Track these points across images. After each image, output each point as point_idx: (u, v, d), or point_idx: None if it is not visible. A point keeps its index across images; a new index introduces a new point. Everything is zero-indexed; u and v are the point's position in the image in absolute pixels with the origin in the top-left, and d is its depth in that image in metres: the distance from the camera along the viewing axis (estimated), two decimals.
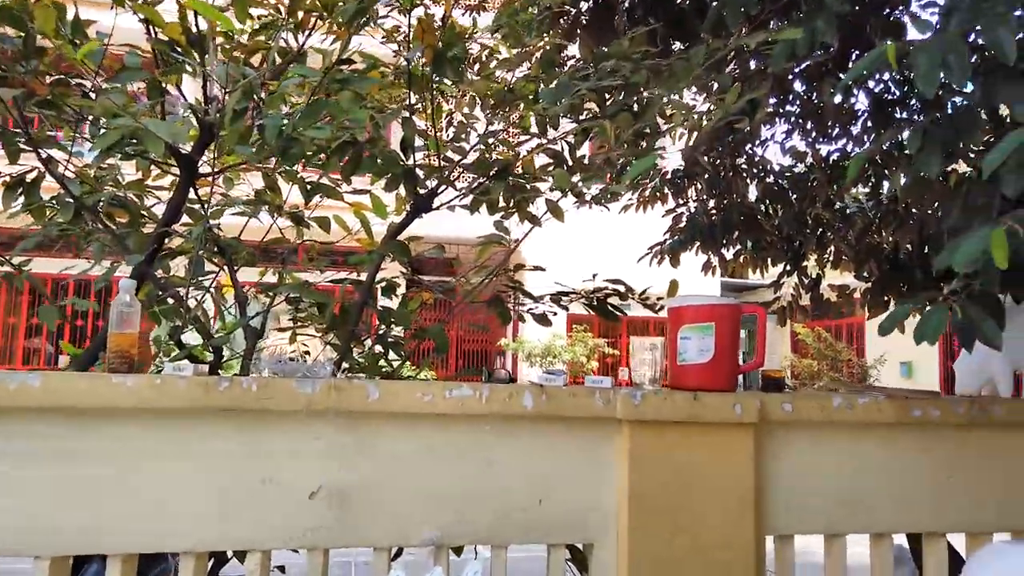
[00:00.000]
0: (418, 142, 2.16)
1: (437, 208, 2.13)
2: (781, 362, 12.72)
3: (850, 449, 1.78)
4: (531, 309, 2.27)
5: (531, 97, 2.02)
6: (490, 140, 2.13)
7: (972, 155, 2.59)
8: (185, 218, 2.36)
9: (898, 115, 4.22)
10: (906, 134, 1.83)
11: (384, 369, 2.23)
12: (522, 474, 1.66)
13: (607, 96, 2.02)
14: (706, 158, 4.47)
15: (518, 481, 1.65)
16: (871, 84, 4.10)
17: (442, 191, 2.12)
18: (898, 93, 4.15)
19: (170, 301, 2.11)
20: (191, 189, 2.19)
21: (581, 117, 2.16)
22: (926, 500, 1.79)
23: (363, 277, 2.26)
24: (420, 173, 2.22)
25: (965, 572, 1.60)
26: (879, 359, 12.74)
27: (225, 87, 1.81)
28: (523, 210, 2.10)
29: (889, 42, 1.59)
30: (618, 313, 2.12)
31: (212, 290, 2.31)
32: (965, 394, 1.91)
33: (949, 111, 1.78)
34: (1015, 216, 1.50)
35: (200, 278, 2.20)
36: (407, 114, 1.94)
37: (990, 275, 1.62)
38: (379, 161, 2.03)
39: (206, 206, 2.26)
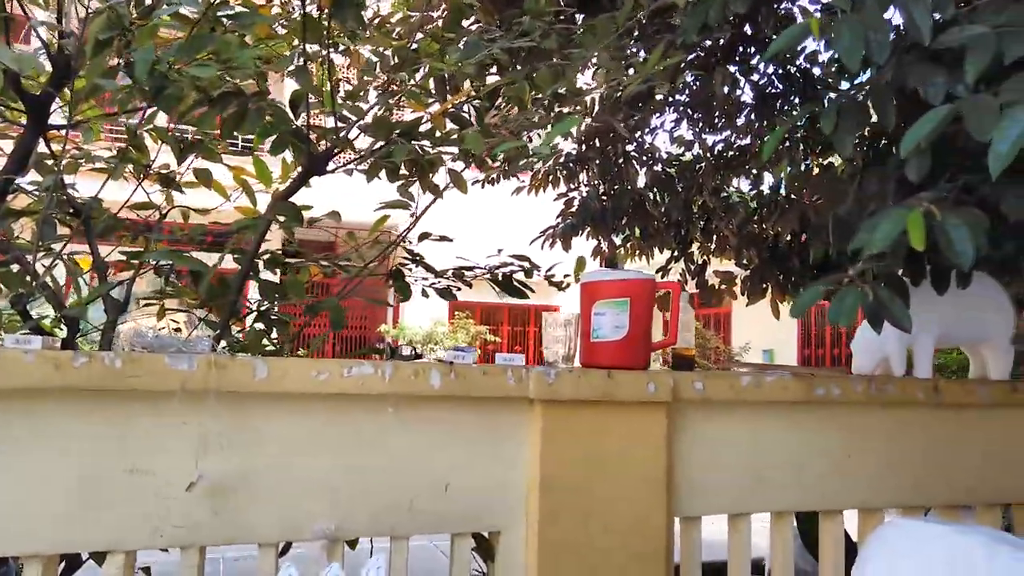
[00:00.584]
0: (311, 100, 1.97)
1: (332, 171, 1.95)
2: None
3: (756, 428, 1.77)
4: (434, 284, 2.13)
5: (436, 56, 1.88)
6: (391, 101, 1.97)
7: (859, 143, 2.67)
8: (34, 175, 2.05)
9: (780, 108, 4.36)
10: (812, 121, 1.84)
11: (268, 350, 2.03)
12: (427, 459, 1.53)
13: (515, 61, 1.90)
14: (598, 142, 4.47)
15: (422, 467, 1.52)
16: (755, 77, 4.22)
17: (337, 153, 1.94)
18: (781, 87, 4.30)
19: (14, 268, 1.82)
20: (40, 139, 1.89)
21: (487, 82, 2.04)
22: (827, 478, 1.80)
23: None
24: (312, 135, 2.03)
25: (866, 548, 1.62)
26: (744, 347, 13.46)
27: (85, 19, 1.55)
28: (425, 179, 1.96)
29: (814, 16, 1.57)
30: (525, 290, 2.03)
31: (64, 257, 2.02)
32: (861, 373, 1.95)
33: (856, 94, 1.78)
34: (930, 198, 1.52)
35: (50, 242, 1.91)
36: (301, 61, 1.75)
37: (897, 257, 1.64)
38: (268, 117, 1.83)
39: (60, 161, 1.97)
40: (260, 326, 2.23)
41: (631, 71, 1.76)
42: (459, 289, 2.11)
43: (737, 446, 1.75)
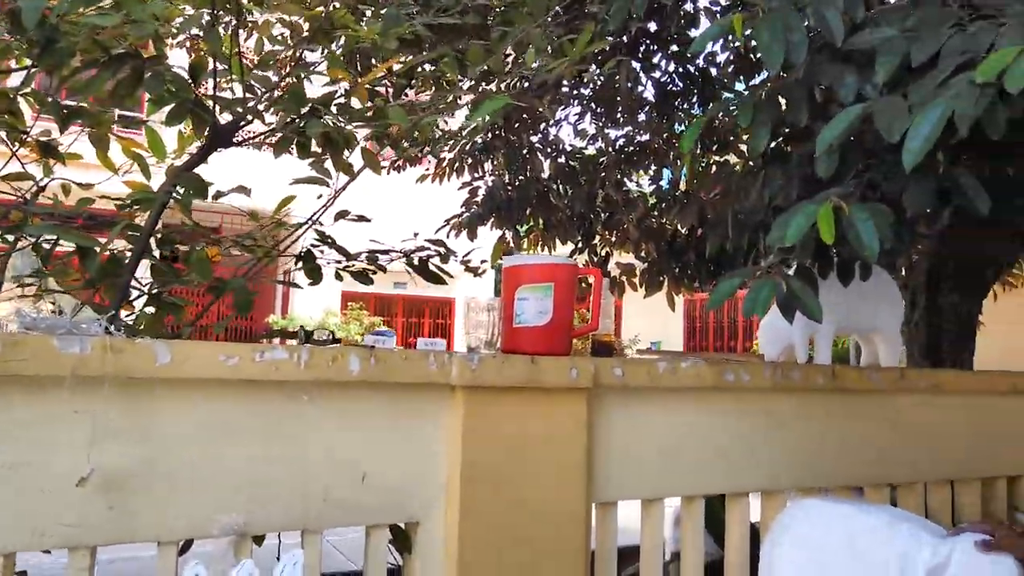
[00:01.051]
0: (216, 68, 1.84)
1: (239, 144, 1.83)
2: None
3: (670, 414, 1.79)
4: (347, 267, 2.04)
5: (352, 27, 1.79)
6: (302, 74, 1.86)
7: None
8: None
9: (680, 106, 4.48)
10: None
11: (167, 335, 1.89)
12: (344, 449, 1.46)
13: (437, 37, 1.85)
14: (503, 132, 4.46)
15: (339, 457, 1.45)
16: (657, 75, 4.32)
17: (244, 125, 1.82)
18: (681, 85, 4.42)
19: None
20: None
21: (402, 60, 1.97)
22: (736, 462, 1.86)
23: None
24: (214, 106, 1.90)
25: (772, 531, 1.68)
26: (633, 339, 13.87)
27: None
28: (339, 157, 1.86)
29: (736, 13, 1.60)
30: (442, 275, 1.98)
31: None
32: (768, 359, 2.03)
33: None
34: (839, 193, 1.58)
35: None
36: (207, 19, 1.62)
37: (807, 251, 1.70)
38: (167, 83, 1.69)
39: None
40: (151, 310, 2.07)
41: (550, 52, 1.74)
42: (374, 273, 2.03)
43: (652, 432, 1.77)
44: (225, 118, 1.88)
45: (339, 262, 1.96)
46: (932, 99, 1.34)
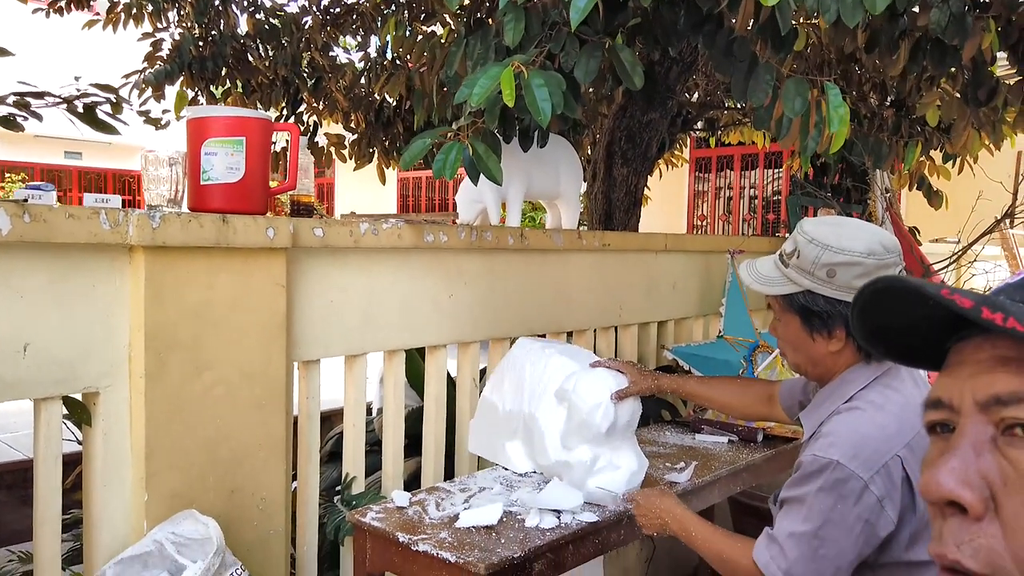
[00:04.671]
0: None
1: None
2: None
3: (372, 273, 1.83)
4: None
5: None
6: None
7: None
8: None
9: None
10: None
11: None
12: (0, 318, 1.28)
13: None
14: None
15: None
16: None
17: None
18: None
19: None
20: None
21: None
22: (433, 317, 1.97)
23: None
24: None
25: (518, 353, 1.85)
26: (348, 214, 13.77)
27: None
28: None
29: None
30: (114, 124, 1.74)
31: None
32: (464, 222, 2.14)
33: None
34: (522, 59, 1.67)
35: None
36: None
37: (493, 115, 1.79)
38: None
39: None
40: None
41: None
42: (26, 119, 1.72)
43: (354, 291, 1.80)
44: None
45: None
46: None
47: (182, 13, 4.08)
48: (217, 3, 4.03)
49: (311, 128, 4.27)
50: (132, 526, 1.46)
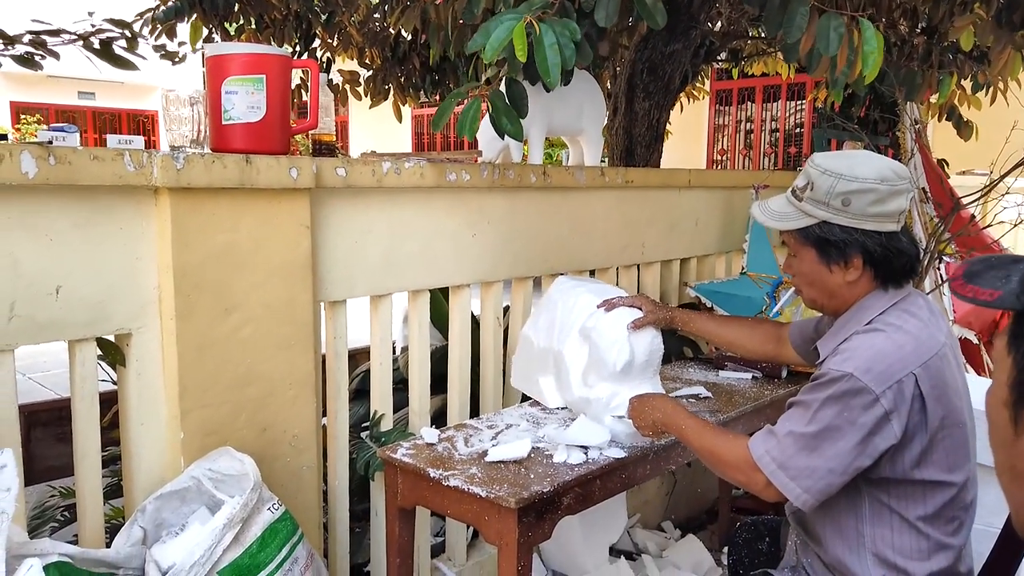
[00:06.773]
0: None
1: None
2: None
3: (395, 213, 1.82)
4: (5, 51, 1.68)
5: None
6: None
7: None
8: None
9: None
10: None
11: None
12: (26, 260, 1.29)
13: None
14: None
15: (21, 269, 1.28)
16: None
17: None
18: None
19: None
20: None
21: None
22: (456, 256, 1.96)
23: None
24: None
25: (554, 291, 1.87)
26: (367, 153, 13.69)
27: None
28: None
29: None
30: (131, 60, 1.71)
31: None
32: (486, 160, 2.11)
33: None
34: (541, 5, 1.60)
35: None
36: None
37: (515, 66, 1.73)
38: None
39: None
40: None
41: None
42: (43, 58, 1.70)
43: (377, 231, 1.80)
44: None
45: None
46: None
47: None
48: None
49: (325, 65, 4.20)
50: (169, 463, 1.50)
